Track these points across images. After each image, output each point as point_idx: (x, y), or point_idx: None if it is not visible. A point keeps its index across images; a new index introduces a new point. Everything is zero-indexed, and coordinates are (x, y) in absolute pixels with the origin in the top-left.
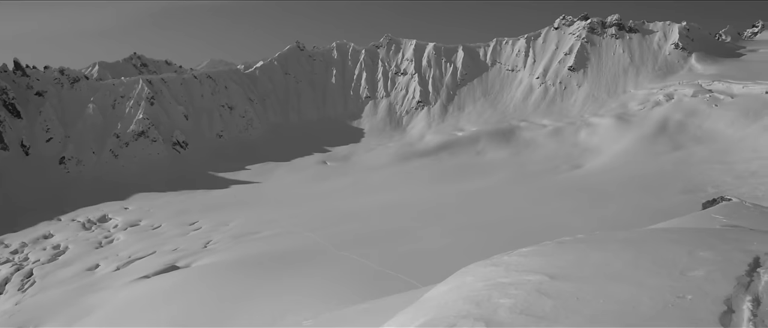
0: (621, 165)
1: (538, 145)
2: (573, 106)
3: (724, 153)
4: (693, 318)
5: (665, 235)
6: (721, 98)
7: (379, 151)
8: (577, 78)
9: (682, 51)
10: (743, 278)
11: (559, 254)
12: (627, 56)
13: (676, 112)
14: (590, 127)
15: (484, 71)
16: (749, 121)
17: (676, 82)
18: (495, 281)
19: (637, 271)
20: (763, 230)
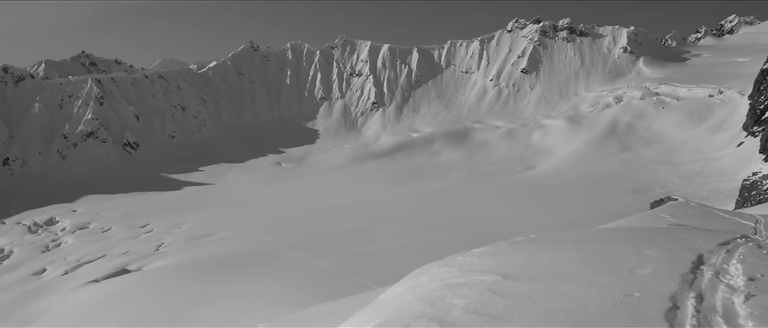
0: (572, 166)
1: (492, 147)
2: (526, 107)
3: (670, 154)
4: (640, 315)
5: (614, 234)
6: (667, 101)
7: (334, 152)
8: (530, 80)
9: (631, 55)
10: (688, 275)
11: (511, 254)
12: (578, 59)
13: (625, 115)
14: (543, 128)
15: (439, 73)
16: (694, 124)
17: (625, 85)
18: (449, 282)
19: (587, 270)
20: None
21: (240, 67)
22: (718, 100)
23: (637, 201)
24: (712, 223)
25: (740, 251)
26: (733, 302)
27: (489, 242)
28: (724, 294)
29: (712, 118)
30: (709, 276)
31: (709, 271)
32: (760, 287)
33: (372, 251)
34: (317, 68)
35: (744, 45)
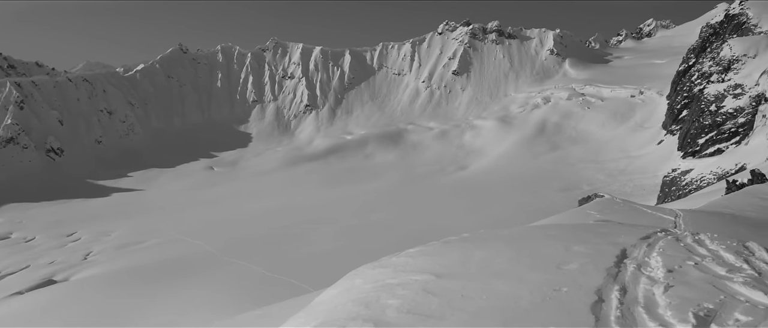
0: (504, 165)
1: (426, 148)
2: (458, 109)
3: (596, 153)
4: (568, 309)
5: (544, 231)
6: (592, 101)
7: (267, 155)
8: (461, 82)
9: (557, 57)
10: (612, 269)
11: (444, 254)
12: (507, 61)
13: (553, 115)
14: (474, 129)
15: (372, 75)
16: (618, 123)
17: (552, 86)
18: (383, 283)
19: (517, 267)
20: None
21: (169, 69)
22: (639, 101)
23: (566, 198)
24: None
25: (660, 245)
26: (654, 293)
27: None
28: (645, 286)
29: (634, 117)
30: (631, 269)
31: (632, 264)
32: (678, 277)
33: (307, 253)
34: (249, 71)
35: (661, 47)
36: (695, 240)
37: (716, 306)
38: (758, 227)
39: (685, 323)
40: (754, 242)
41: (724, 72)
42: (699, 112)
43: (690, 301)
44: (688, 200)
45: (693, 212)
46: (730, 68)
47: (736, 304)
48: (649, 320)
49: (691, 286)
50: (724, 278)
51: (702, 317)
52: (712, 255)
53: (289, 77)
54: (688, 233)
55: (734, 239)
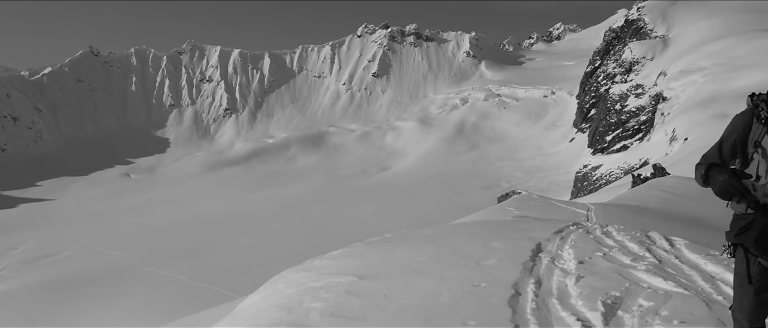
0: (425, 166)
1: (348, 150)
2: (379, 110)
3: (513, 151)
4: (487, 304)
5: (463, 229)
6: (508, 102)
7: (187, 160)
8: (381, 84)
9: (473, 59)
10: (528, 263)
11: (367, 255)
12: (426, 63)
13: (471, 115)
14: (396, 130)
15: (292, 78)
16: (532, 122)
17: (469, 87)
18: (306, 286)
19: (438, 264)
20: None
21: (79, 73)
22: (551, 100)
23: (486, 196)
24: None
25: (572, 238)
26: (566, 284)
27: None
28: (558, 278)
29: (547, 116)
30: (546, 262)
31: (546, 258)
32: (588, 268)
33: (232, 260)
34: (165, 74)
35: (569, 50)
36: (603, 232)
37: (622, 293)
38: (661, 218)
39: (594, 311)
40: (656, 231)
41: (627, 73)
42: (606, 110)
43: (599, 290)
44: (598, 194)
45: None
46: (631, 70)
47: (640, 290)
48: (562, 311)
49: (599, 276)
50: (629, 267)
51: (610, 304)
52: (618, 246)
53: (208, 81)
54: (597, 225)
55: (638, 230)
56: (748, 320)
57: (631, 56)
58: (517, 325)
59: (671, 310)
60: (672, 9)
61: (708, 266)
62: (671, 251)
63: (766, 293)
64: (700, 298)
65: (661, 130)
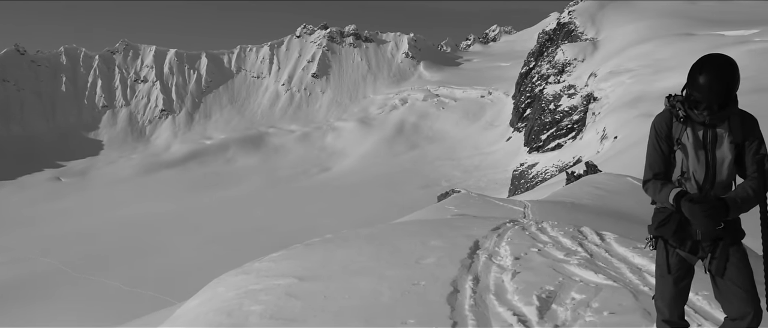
0: (366, 166)
1: (288, 151)
2: (318, 111)
3: (452, 150)
4: (426, 301)
5: (403, 228)
6: (446, 102)
7: (121, 163)
8: (321, 84)
9: (412, 60)
10: (466, 260)
11: (307, 256)
12: (365, 64)
13: (411, 115)
14: (336, 131)
15: (230, 78)
16: (470, 122)
17: (408, 87)
18: (246, 289)
19: (378, 264)
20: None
21: (4, 72)
22: (488, 101)
23: (427, 195)
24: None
25: (509, 234)
26: (503, 280)
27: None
28: (495, 274)
29: (485, 116)
30: (483, 259)
31: (484, 254)
32: (524, 264)
33: (170, 264)
34: (97, 74)
35: (505, 51)
36: (538, 228)
37: (556, 287)
38: (593, 213)
39: (530, 305)
40: (588, 227)
41: (559, 74)
42: (540, 110)
43: (534, 285)
44: (535, 191)
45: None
46: (564, 71)
47: (573, 284)
48: (499, 306)
49: (534, 271)
50: (563, 262)
51: (544, 298)
52: (552, 241)
53: (142, 81)
54: (532, 222)
55: (571, 226)
56: (669, 308)
57: (563, 58)
58: (456, 322)
59: (601, 302)
60: (600, 13)
61: (635, 258)
62: (602, 245)
63: (684, 282)
64: (628, 289)
65: (593, 129)
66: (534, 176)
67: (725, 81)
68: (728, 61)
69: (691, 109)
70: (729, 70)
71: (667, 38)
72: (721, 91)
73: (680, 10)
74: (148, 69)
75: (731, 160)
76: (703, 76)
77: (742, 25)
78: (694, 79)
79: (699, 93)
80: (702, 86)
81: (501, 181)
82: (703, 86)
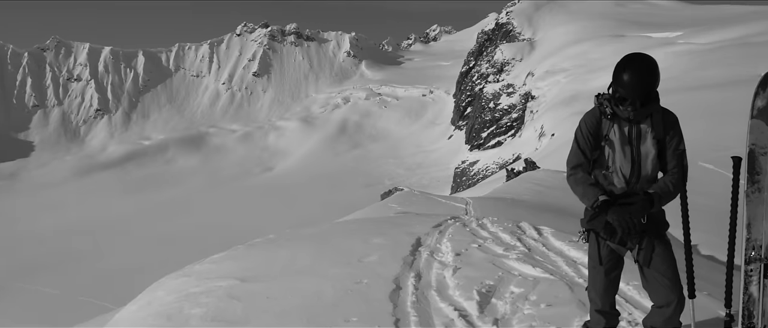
0: (309, 165)
1: (229, 151)
2: (260, 110)
3: (395, 149)
4: (369, 299)
5: (346, 226)
6: (388, 101)
7: (54, 165)
8: (262, 83)
9: (354, 59)
10: (408, 257)
11: (249, 257)
12: (306, 63)
13: (353, 114)
14: (278, 130)
15: (168, 77)
16: (412, 120)
17: (351, 86)
18: (186, 292)
19: (321, 263)
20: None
21: None
22: (430, 99)
23: (370, 193)
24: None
25: (450, 231)
26: (445, 276)
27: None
28: (437, 270)
29: (427, 115)
30: (425, 256)
31: (426, 251)
32: (464, 260)
33: (108, 269)
34: (26, 72)
35: (446, 51)
36: (479, 224)
37: (496, 282)
38: (532, 209)
39: (470, 300)
40: (527, 222)
41: (499, 73)
42: (480, 109)
43: (474, 280)
44: (476, 188)
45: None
46: (502, 70)
47: (511, 278)
48: (441, 302)
49: (475, 266)
50: (502, 256)
51: (484, 293)
52: (492, 237)
53: (76, 79)
54: (473, 218)
55: (510, 221)
56: (601, 297)
57: (502, 57)
58: (398, 319)
59: (539, 295)
60: (537, 14)
61: (571, 251)
62: (539, 239)
63: (614, 272)
64: (564, 282)
65: (531, 127)
66: (475, 174)
67: (646, 78)
68: (649, 60)
69: (617, 106)
70: (649, 68)
71: (599, 39)
72: (643, 87)
73: (611, 13)
74: (81, 67)
75: (655, 155)
76: (626, 74)
77: (667, 28)
78: (619, 78)
79: (623, 90)
80: (626, 83)
81: (443, 178)
82: (627, 83)
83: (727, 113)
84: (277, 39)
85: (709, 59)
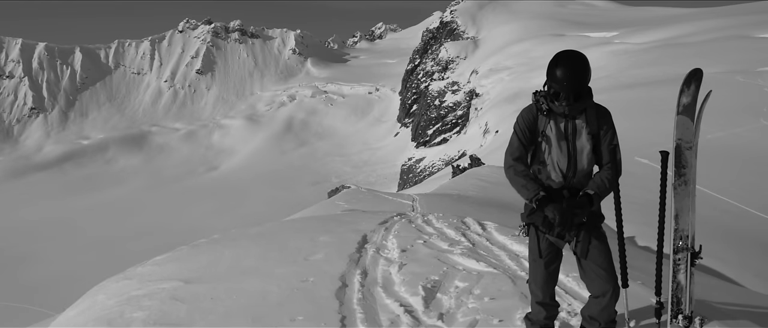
0: (255, 163)
1: (173, 150)
2: (204, 108)
3: (341, 147)
4: (315, 297)
5: (292, 225)
6: (335, 98)
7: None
8: (206, 81)
9: (299, 56)
10: (354, 255)
11: (194, 257)
12: (251, 60)
13: (299, 112)
14: (223, 129)
15: (108, 74)
16: (358, 118)
17: (296, 84)
18: (128, 295)
19: (266, 263)
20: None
21: None
22: (376, 97)
23: (317, 191)
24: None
25: (396, 228)
26: (390, 272)
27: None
28: (383, 267)
29: (373, 112)
30: (371, 253)
31: (372, 248)
32: (410, 256)
33: (44, 274)
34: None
35: (391, 49)
36: (424, 220)
37: (441, 277)
38: (477, 204)
39: (416, 296)
40: (471, 217)
41: (443, 71)
42: (426, 106)
43: (420, 275)
44: (423, 185)
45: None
46: (447, 68)
47: (456, 273)
48: (387, 298)
49: (420, 262)
50: (447, 252)
51: (429, 288)
52: (437, 232)
53: (8, 77)
54: (419, 214)
55: (455, 217)
56: (541, 290)
57: (446, 55)
58: (344, 316)
59: (483, 288)
60: (480, 13)
61: (514, 245)
62: (483, 234)
63: (554, 265)
64: (507, 275)
65: (476, 124)
66: (422, 170)
67: (579, 73)
68: (580, 56)
69: (553, 102)
70: (581, 64)
71: (540, 38)
72: (576, 82)
73: (551, 13)
74: (13, 64)
75: (590, 150)
76: (559, 70)
77: (604, 28)
78: (553, 74)
79: (557, 85)
80: (559, 79)
81: (390, 176)
82: (561, 79)
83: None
84: (221, 36)
85: (644, 58)
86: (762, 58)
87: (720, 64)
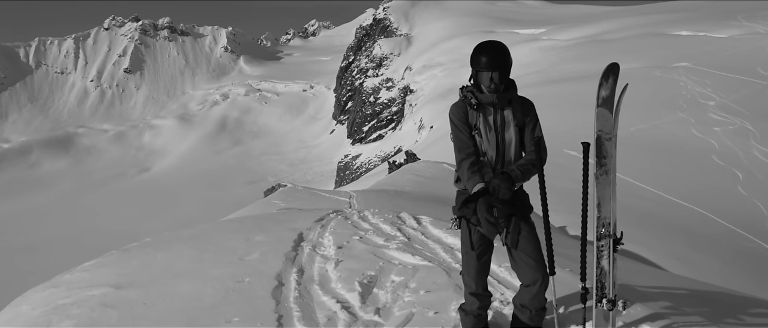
0: (188, 164)
1: (101, 152)
2: (133, 109)
3: (277, 145)
4: (251, 297)
5: (227, 226)
6: (269, 96)
7: None
8: (135, 80)
9: (232, 54)
10: (290, 253)
11: (124, 262)
12: (182, 58)
13: (233, 111)
14: (154, 129)
15: (29, 74)
16: (294, 116)
17: (229, 82)
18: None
19: (201, 265)
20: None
21: None
22: (310, 94)
23: (253, 191)
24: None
25: (332, 225)
26: (327, 269)
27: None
28: (319, 264)
29: (308, 110)
30: (307, 251)
31: (308, 246)
32: (346, 252)
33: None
34: None
35: (325, 46)
36: (360, 217)
37: (377, 272)
38: (413, 199)
39: (352, 292)
40: (407, 212)
41: (378, 68)
42: (361, 103)
43: (356, 271)
44: (360, 181)
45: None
46: (381, 65)
47: (392, 267)
48: (323, 295)
49: (357, 258)
50: (383, 247)
51: (366, 284)
52: (373, 228)
53: None
54: (355, 211)
55: (391, 212)
56: (474, 280)
57: (380, 52)
58: (281, 315)
59: (418, 282)
60: (412, 10)
61: (448, 239)
62: (418, 228)
63: (486, 256)
64: (441, 268)
65: (411, 120)
66: (358, 167)
67: (501, 55)
68: (500, 42)
69: (480, 91)
70: (501, 47)
71: (472, 35)
72: (500, 62)
73: (482, 10)
74: None
75: (517, 141)
76: (482, 56)
77: (533, 25)
78: (477, 60)
79: (483, 68)
80: (484, 63)
81: (327, 173)
82: (486, 63)
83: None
84: (150, 34)
85: (570, 54)
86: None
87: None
